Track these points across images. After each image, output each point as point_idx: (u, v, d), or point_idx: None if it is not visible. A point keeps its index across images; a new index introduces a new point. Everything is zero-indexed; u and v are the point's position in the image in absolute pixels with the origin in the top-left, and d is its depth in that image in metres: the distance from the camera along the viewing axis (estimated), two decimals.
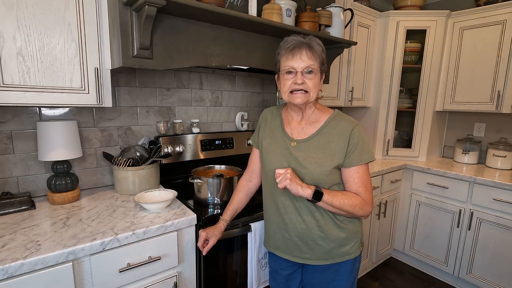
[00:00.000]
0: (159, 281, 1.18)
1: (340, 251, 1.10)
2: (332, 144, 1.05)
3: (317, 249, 1.10)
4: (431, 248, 2.39)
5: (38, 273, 0.91)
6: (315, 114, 1.12)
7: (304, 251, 1.12)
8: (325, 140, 1.07)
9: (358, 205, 1.04)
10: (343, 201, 1.02)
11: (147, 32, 1.14)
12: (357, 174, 1.06)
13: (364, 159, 1.05)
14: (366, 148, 1.06)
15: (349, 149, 1.04)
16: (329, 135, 1.07)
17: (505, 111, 2.19)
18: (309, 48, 1.02)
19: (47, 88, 1.12)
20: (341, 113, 1.12)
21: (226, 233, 1.29)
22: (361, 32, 2.35)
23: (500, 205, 2.00)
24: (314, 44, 1.03)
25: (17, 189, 1.37)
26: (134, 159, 1.51)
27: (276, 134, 1.16)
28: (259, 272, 1.39)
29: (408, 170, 2.49)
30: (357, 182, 1.06)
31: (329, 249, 1.10)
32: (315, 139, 1.08)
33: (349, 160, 1.05)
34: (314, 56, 1.02)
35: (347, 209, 1.03)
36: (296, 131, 1.12)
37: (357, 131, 1.05)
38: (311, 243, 1.10)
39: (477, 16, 2.26)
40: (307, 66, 1.01)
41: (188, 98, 1.85)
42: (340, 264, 1.12)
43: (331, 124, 1.08)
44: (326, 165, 1.04)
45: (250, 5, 1.46)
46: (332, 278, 1.13)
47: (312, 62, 1.02)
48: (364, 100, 2.55)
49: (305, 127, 1.11)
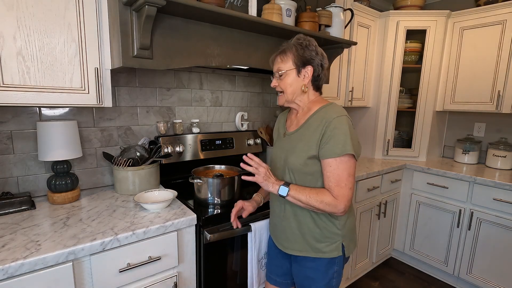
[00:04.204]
0: (159, 281, 1.18)
1: (315, 246, 1.12)
2: (312, 136, 1.07)
3: (293, 238, 1.16)
4: (431, 248, 2.39)
5: (38, 273, 0.91)
6: (307, 106, 1.16)
7: (283, 238, 1.19)
8: (307, 131, 1.10)
9: (326, 201, 1.02)
10: (309, 196, 1.03)
11: (147, 32, 1.14)
12: (329, 168, 1.03)
13: (336, 151, 1.00)
14: (341, 140, 1.00)
15: (323, 140, 1.03)
16: (311, 126, 1.09)
17: (505, 111, 2.18)
18: (281, 52, 1.11)
19: (47, 88, 1.12)
20: (331, 105, 1.11)
21: (227, 233, 1.29)
22: (361, 32, 2.35)
23: (500, 205, 2.00)
24: (288, 47, 1.09)
25: (17, 189, 1.37)
26: (134, 159, 1.51)
27: (280, 131, 1.28)
28: (259, 272, 1.39)
29: (408, 170, 2.49)
30: (329, 176, 1.03)
31: (304, 240, 1.13)
32: (300, 131, 1.13)
33: (322, 152, 1.04)
34: (285, 58, 1.09)
35: (314, 205, 1.03)
36: (292, 124, 1.20)
37: (336, 122, 1.02)
38: (289, 231, 1.16)
39: (477, 16, 2.27)
40: (276, 70, 1.13)
41: (188, 98, 1.85)
42: (314, 260, 1.13)
43: (316, 116, 1.10)
44: (301, 155, 1.08)
45: (250, 5, 1.46)
46: (307, 274, 1.16)
47: (280, 66, 1.10)
48: (364, 100, 2.55)
49: (297, 120, 1.18)
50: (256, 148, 2.07)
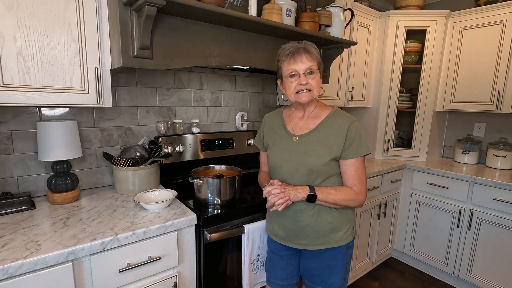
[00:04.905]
0: (159, 281, 1.18)
1: (335, 237, 1.19)
2: (330, 138, 1.15)
3: (312, 235, 1.19)
4: (431, 248, 2.39)
5: (38, 273, 0.91)
6: (316, 110, 1.22)
7: (301, 237, 1.20)
8: (324, 134, 1.16)
9: (351, 199, 1.14)
10: (336, 197, 1.13)
11: (147, 32, 1.14)
12: (353, 167, 1.15)
13: (360, 152, 1.14)
14: (362, 142, 1.15)
15: (347, 143, 1.13)
16: (328, 129, 1.17)
17: (505, 111, 2.18)
18: (307, 51, 1.13)
19: (47, 88, 1.12)
20: (340, 110, 1.22)
21: (226, 233, 1.29)
22: (361, 32, 2.35)
23: (500, 205, 2.00)
24: (310, 48, 1.14)
25: (17, 189, 1.37)
26: (134, 159, 1.51)
27: (279, 133, 1.26)
28: (250, 275, 1.39)
29: (408, 170, 2.49)
30: (353, 175, 1.15)
31: (323, 235, 1.18)
32: (315, 133, 1.17)
33: (346, 153, 1.14)
34: (312, 58, 1.13)
35: (342, 204, 1.14)
36: (297, 127, 1.22)
37: (355, 126, 1.15)
38: (307, 229, 1.18)
39: (477, 16, 2.26)
40: (308, 68, 1.12)
41: (188, 98, 1.85)
42: (335, 249, 1.20)
43: (330, 120, 1.18)
44: (324, 157, 1.14)
45: (250, 5, 1.46)
46: (328, 263, 1.21)
47: (312, 63, 1.12)
48: (364, 100, 2.55)
49: (306, 122, 1.21)
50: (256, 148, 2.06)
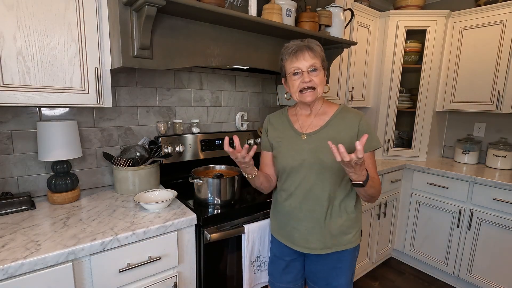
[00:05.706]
0: (159, 281, 1.18)
1: (344, 239, 1.17)
2: (341, 134, 1.14)
3: (322, 238, 1.16)
4: (431, 248, 2.39)
5: (38, 273, 0.91)
6: (323, 108, 1.21)
7: (311, 240, 1.18)
8: (334, 131, 1.15)
9: (380, 189, 1.14)
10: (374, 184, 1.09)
11: (147, 32, 1.14)
12: (369, 160, 1.15)
13: (373, 145, 1.14)
14: (374, 135, 1.16)
15: (359, 137, 1.12)
16: (337, 126, 1.16)
17: (505, 111, 2.18)
18: (310, 49, 1.11)
19: (47, 88, 1.12)
20: (347, 106, 1.22)
21: (226, 233, 1.29)
22: (361, 32, 2.35)
23: (500, 205, 2.00)
24: (313, 45, 1.12)
25: (17, 189, 1.37)
26: (134, 159, 1.51)
27: (286, 133, 1.23)
28: (250, 275, 1.39)
29: (408, 170, 2.49)
30: (370, 168, 1.14)
31: (333, 237, 1.16)
32: (325, 130, 1.16)
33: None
34: (315, 55, 1.11)
35: (375, 194, 1.11)
36: (305, 126, 1.20)
37: (365, 120, 1.15)
38: (318, 232, 1.16)
39: (477, 16, 2.26)
40: (311, 65, 1.10)
41: (188, 98, 1.85)
42: (342, 252, 1.18)
43: (339, 116, 1.17)
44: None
45: (250, 5, 1.46)
46: (334, 265, 1.20)
47: (315, 61, 1.11)
48: (364, 100, 2.55)
49: (314, 120, 1.20)
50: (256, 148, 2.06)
